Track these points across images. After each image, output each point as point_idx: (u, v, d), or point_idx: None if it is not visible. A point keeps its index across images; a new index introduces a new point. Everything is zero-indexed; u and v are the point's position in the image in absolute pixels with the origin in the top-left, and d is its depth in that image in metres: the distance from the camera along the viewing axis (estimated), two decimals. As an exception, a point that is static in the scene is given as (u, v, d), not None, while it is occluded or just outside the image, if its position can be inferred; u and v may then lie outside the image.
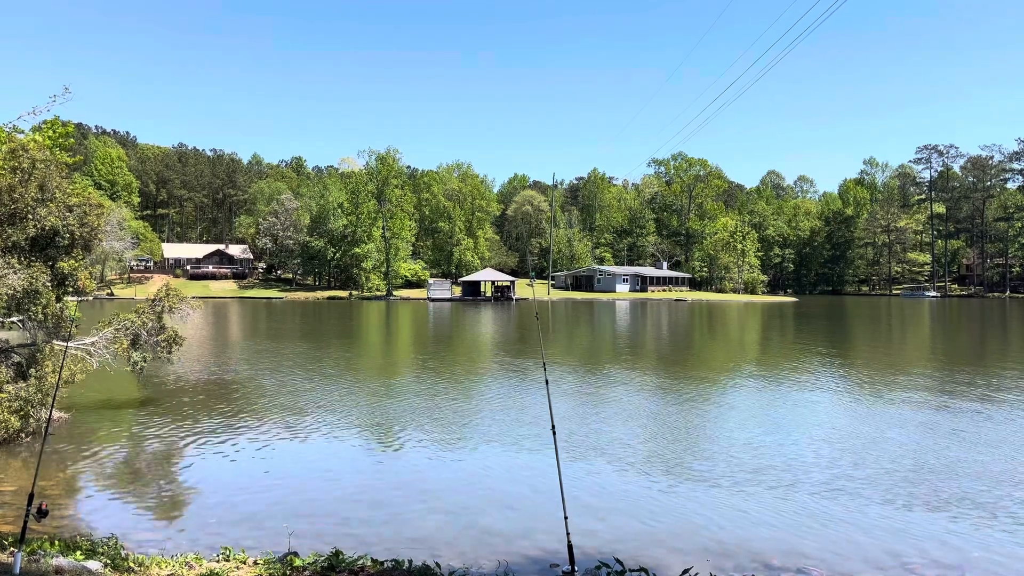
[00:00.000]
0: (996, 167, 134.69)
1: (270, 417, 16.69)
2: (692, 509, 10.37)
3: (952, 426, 15.85)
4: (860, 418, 16.86)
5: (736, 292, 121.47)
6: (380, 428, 15.74)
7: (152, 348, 17.65)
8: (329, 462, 12.96)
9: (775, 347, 36.17)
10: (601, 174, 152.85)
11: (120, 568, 6.90)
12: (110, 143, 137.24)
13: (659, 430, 15.53)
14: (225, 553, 7.75)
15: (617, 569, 6.87)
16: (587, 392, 20.48)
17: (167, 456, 13.40)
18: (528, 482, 11.69)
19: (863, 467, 12.51)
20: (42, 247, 15.49)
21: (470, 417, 16.89)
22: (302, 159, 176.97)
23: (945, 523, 9.79)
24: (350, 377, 23.71)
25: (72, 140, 22.42)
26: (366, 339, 41.60)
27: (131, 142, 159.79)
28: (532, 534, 9.38)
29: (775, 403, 18.87)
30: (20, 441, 13.76)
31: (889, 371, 25.63)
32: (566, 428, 15.10)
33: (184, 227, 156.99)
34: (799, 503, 10.57)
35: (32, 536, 7.90)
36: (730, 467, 12.48)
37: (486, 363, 28.50)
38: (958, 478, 11.84)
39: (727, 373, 25.56)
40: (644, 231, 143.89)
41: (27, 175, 15.38)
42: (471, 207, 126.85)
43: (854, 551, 8.81)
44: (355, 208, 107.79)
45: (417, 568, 7.22)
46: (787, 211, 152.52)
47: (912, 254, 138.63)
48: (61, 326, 15.66)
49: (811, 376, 24.31)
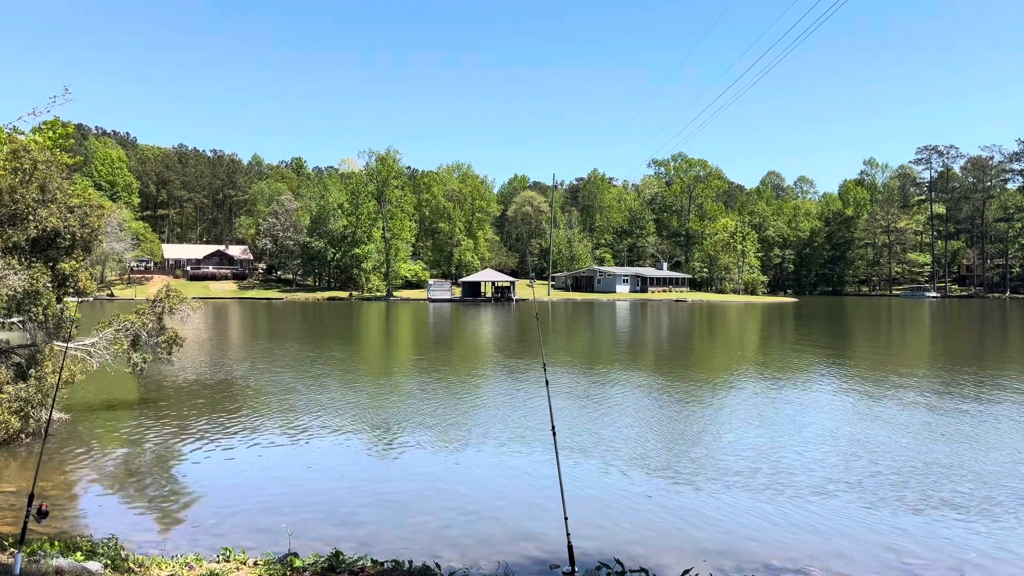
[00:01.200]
0: (996, 168, 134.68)
1: (270, 417, 16.70)
2: (692, 510, 10.37)
3: (952, 427, 15.86)
4: (861, 419, 16.87)
5: (736, 293, 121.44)
6: (380, 429, 15.75)
7: (152, 349, 17.66)
8: (329, 463, 12.97)
9: (775, 348, 36.16)
10: (601, 175, 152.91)
11: (120, 569, 6.90)
12: (110, 144, 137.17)
13: (659, 431, 15.53)
14: (225, 554, 7.76)
15: (617, 570, 6.87)
16: (587, 393, 20.48)
17: (167, 456, 13.41)
18: (528, 483, 11.70)
19: (863, 467, 12.51)
20: (43, 248, 15.50)
21: (470, 418, 16.89)
22: (302, 160, 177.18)
23: (945, 523, 9.78)
24: (350, 378, 23.71)
25: (72, 141, 22.42)
26: (366, 340, 41.60)
27: (131, 143, 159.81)
28: (532, 535, 9.38)
29: (775, 404, 18.87)
30: (20, 442, 13.76)
31: (889, 372, 25.62)
32: (566, 429, 15.11)
33: (184, 228, 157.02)
34: (799, 503, 10.58)
35: (32, 537, 7.91)
36: (730, 468, 12.48)
37: (486, 364, 28.51)
38: (958, 478, 11.84)
39: (727, 374, 25.56)
40: (644, 232, 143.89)
41: (28, 176, 15.39)
42: (471, 208, 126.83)
43: (854, 551, 8.81)
44: (355, 209, 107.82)
45: (417, 568, 7.22)
46: (787, 212, 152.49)
47: (912, 255, 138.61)
48: (61, 327, 15.66)
49: (811, 377, 24.31)
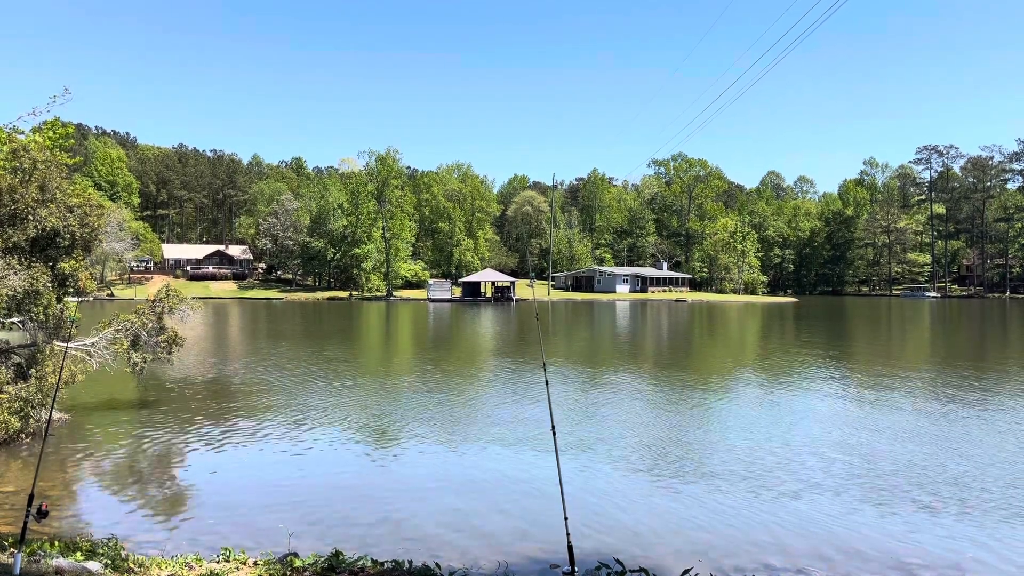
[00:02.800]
0: (996, 168, 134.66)
1: (270, 418, 16.70)
2: (692, 510, 10.37)
3: (952, 427, 15.86)
4: (861, 420, 16.86)
5: (736, 293, 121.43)
6: (380, 429, 15.75)
7: (152, 349, 17.66)
8: (329, 462, 12.96)
9: (775, 348, 36.16)
10: (601, 175, 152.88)
11: (120, 569, 6.90)
12: (110, 144, 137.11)
13: (659, 431, 15.53)
14: (225, 554, 7.76)
15: (617, 570, 6.87)
16: (587, 393, 20.48)
17: (167, 456, 13.41)
18: (528, 482, 11.69)
19: (863, 468, 12.51)
20: (42, 248, 15.50)
21: (470, 418, 16.89)
22: (302, 160, 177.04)
23: (944, 524, 9.78)
24: (350, 378, 23.71)
25: (72, 141, 22.41)
26: (366, 340, 41.59)
27: (131, 143, 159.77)
28: (532, 535, 9.38)
29: (775, 405, 18.87)
30: (20, 442, 13.76)
31: (889, 372, 25.62)
32: (566, 429, 15.10)
33: (184, 228, 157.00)
34: (799, 504, 10.58)
35: (32, 537, 7.91)
36: (730, 468, 12.48)
37: (486, 364, 28.50)
38: (958, 479, 11.84)
39: (727, 374, 25.55)
40: (644, 232, 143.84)
41: (28, 176, 15.40)
42: (471, 208, 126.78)
43: (854, 552, 8.81)
44: (355, 209, 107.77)
45: (417, 568, 7.22)
46: (787, 212, 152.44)
47: (912, 255, 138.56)
48: (61, 327, 15.66)
49: (811, 377, 24.31)
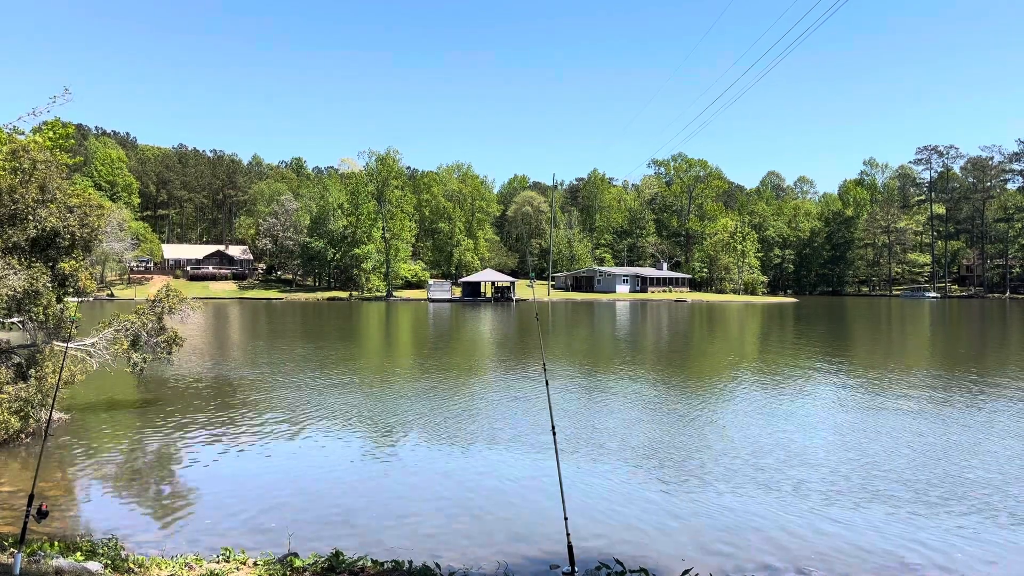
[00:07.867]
0: (996, 168, 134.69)
1: (270, 417, 16.70)
2: (692, 510, 10.37)
3: (952, 427, 15.85)
4: (860, 420, 16.86)
5: (736, 293, 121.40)
6: (380, 429, 15.74)
7: (152, 349, 17.66)
8: (329, 463, 12.96)
9: (775, 348, 36.16)
10: (601, 175, 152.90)
11: (120, 569, 6.90)
12: (110, 144, 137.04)
13: (659, 431, 15.53)
14: (225, 554, 7.76)
15: (617, 570, 6.87)
16: (587, 393, 20.48)
17: (167, 456, 13.41)
18: (528, 483, 11.69)
19: (863, 468, 12.51)
20: (43, 248, 15.49)
21: (470, 418, 16.89)
22: (302, 160, 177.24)
23: (945, 524, 9.78)
24: (350, 378, 23.71)
25: (72, 141, 22.39)
26: (366, 340, 41.59)
27: (131, 143, 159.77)
28: (532, 535, 9.38)
29: (775, 405, 18.87)
30: (20, 442, 13.77)
31: (889, 372, 25.62)
32: (566, 429, 15.11)
33: (184, 228, 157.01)
34: (799, 504, 10.58)
35: (32, 537, 7.91)
36: (730, 468, 12.48)
37: (486, 364, 28.50)
38: (958, 479, 11.84)
39: (727, 374, 25.55)
40: (644, 232, 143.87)
41: (28, 176, 15.39)
42: (471, 208, 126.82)
43: (854, 552, 8.81)
44: (355, 209, 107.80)
45: (417, 568, 7.22)
46: (787, 212, 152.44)
47: (912, 255, 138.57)
48: (61, 327, 15.66)
49: (811, 377, 24.31)
